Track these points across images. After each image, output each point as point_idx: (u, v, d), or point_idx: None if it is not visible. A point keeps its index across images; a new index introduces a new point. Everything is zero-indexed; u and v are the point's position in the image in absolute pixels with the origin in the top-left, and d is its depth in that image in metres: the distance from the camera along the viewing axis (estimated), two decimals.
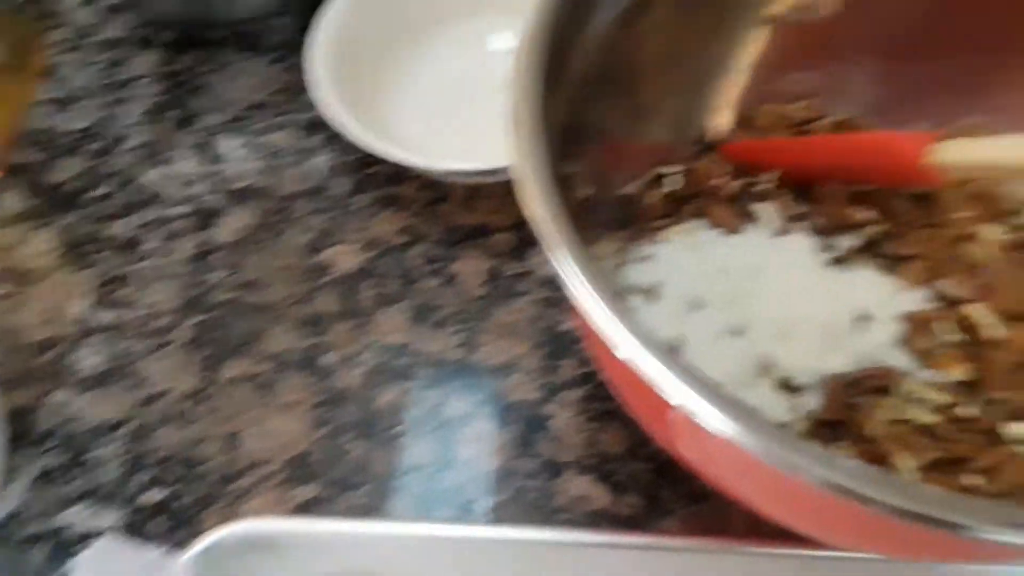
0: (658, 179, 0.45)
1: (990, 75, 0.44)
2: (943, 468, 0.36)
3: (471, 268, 0.47)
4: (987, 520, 0.23)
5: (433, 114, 0.52)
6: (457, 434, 0.42)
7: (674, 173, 0.45)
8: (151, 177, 0.52)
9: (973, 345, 0.39)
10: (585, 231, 0.39)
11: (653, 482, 0.39)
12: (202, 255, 0.49)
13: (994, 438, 0.36)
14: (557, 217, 0.29)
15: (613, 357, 0.27)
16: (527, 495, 0.40)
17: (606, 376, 0.42)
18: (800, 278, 0.42)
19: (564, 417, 0.41)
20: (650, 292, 0.42)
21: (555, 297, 0.45)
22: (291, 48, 0.58)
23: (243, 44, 0.58)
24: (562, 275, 0.27)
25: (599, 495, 0.39)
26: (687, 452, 0.33)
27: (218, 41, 0.58)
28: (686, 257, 0.43)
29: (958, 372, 0.38)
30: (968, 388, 0.38)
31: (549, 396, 0.42)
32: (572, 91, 0.37)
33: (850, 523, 0.29)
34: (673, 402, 0.25)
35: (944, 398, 0.37)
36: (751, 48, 0.45)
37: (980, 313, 0.39)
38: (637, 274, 0.43)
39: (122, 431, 0.43)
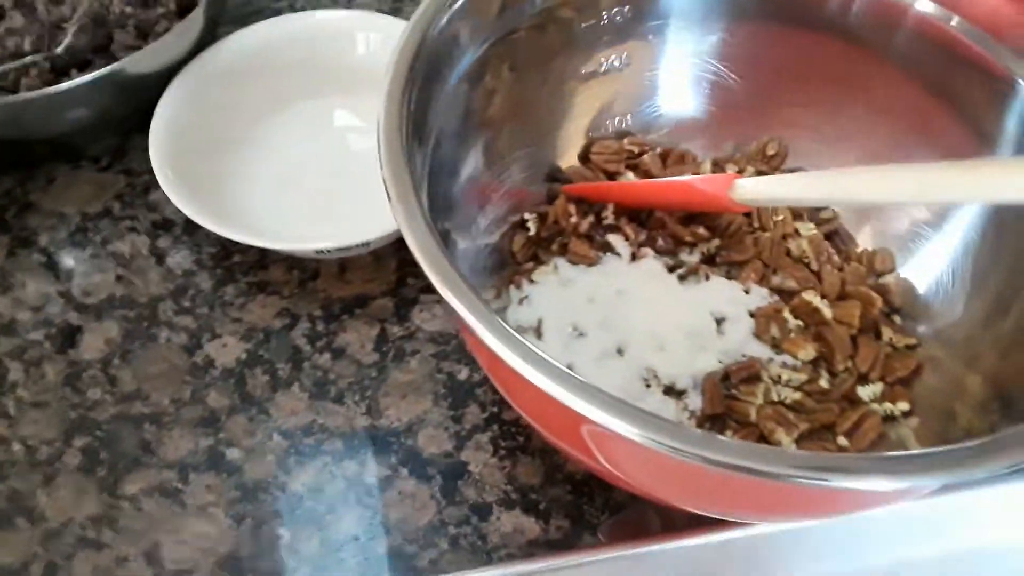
0: (523, 223, 0.49)
1: (781, 100, 0.51)
2: (816, 436, 0.42)
3: (357, 337, 0.49)
4: (798, 467, 0.28)
5: (289, 193, 0.53)
6: (382, 498, 0.43)
7: (534, 216, 0.49)
8: (1, 305, 0.50)
9: (812, 327, 0.46)
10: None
11: (574, 503, 0.43)
12: (74, 376, 0.47)
13: (851, 403, 0.43)
14: (448, 270, 0.32)
15: (522, 393, 0.31)
16: (463, 541, 0.42)
17: (514, 412, 0.45)
18: (660, 295, 0.47)
19: (480, 460, 0.44)
20: (536, 329, 0.46)
21: (446, 350, 0.48)
22: (117, 154, 0.57)
23: (66, 156, 0.57)
24: (469, 322, 0.30)
25: (529, 526, 0.42)
26: (602, 463, 0.37)
27: (39, 156, 0.56)
28: (558, 293, 0.47)
29: (806, 352, 0.44)
30: (819, 364, 0.44)
31: (461, 444, 0.45)
32: (433, 148, 0.41)
33: (741, 494, 0.34)
34: (588, 417, 0.29)
35: (802, 376, 0.43)
36: (579, 98, 0.50)
37: (811, 298, 0.46)
38: (519, 315, 0.47)
39: (30, 574, 0.41)
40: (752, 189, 0.43)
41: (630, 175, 0.50)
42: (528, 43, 0.45)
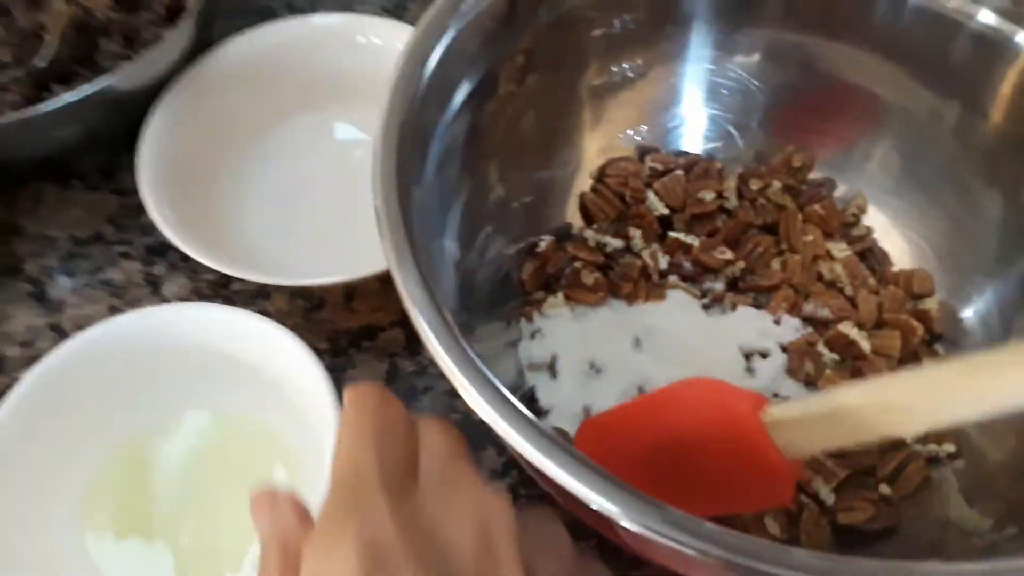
0: (532, 248, 0.46)
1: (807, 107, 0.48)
2: (855, 484, 0.40)
3: (366, 373, 0.46)
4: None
5: (290, 216, 0.51)
6: None
7: (548, 241, 0.46)
8: None
9: (849, 361, 0.43)
10: (469, 312, 0.40)
11: (602, 558, 0.40)
12: None
13: (893, 444, 0.40)
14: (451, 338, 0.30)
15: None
16: None
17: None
18: (683, 328, 0.44)
19: None
20: (550, 366, 0.43)
21: None
22: (108, 171, 0.54)
23: (54, 174, 0.54)
24: (475, 406, 0.28)
25: None
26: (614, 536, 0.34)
27: (25, 176, 0.53)
28: (572, 327, 0.45)
29: None
30: None
31: None
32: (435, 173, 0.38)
33: None
34: (592, 506, 0.26)
35: None
36: (593, 111, 0.47)
37: (848, 331, 0.43)
38: (531, 351, 0.44)
39: None
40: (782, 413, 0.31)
41: (651, 197, 0.47)
42: (535, 58, 0.42)
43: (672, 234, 0.46)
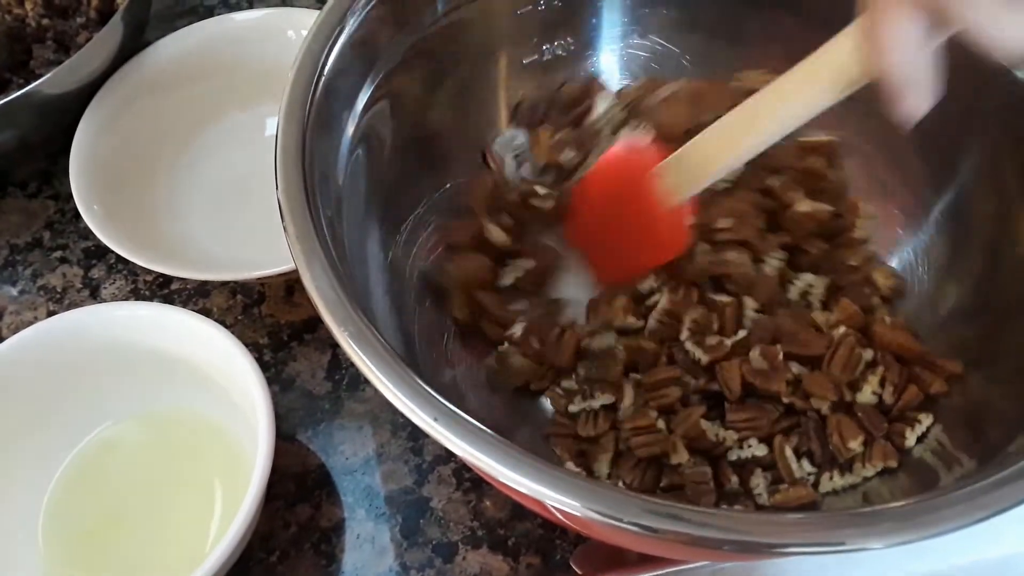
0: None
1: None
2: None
3: (308, 366, 0.46)
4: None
5: (226, 212, 0.50)
6: (339, 543, 0.40)
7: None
8: None
9: None
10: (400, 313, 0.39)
11: (544, 536, 0.40)
12: None
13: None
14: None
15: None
16: None
17: None
18: None
19: (443, 495, 0.41)
20: None
21: None
22: (45, 178, 0.54)
23: None
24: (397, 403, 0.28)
25: (497, 564, 0.39)
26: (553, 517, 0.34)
27: None
28: None
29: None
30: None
31: (423, 478, 0.42)
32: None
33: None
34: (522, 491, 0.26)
35: None
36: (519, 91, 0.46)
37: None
38: None
39: None
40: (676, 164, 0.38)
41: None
42: (454, 40, 0.41)
43: None
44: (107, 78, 0.51)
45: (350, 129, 0.36)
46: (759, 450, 0.38)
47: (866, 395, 0.38)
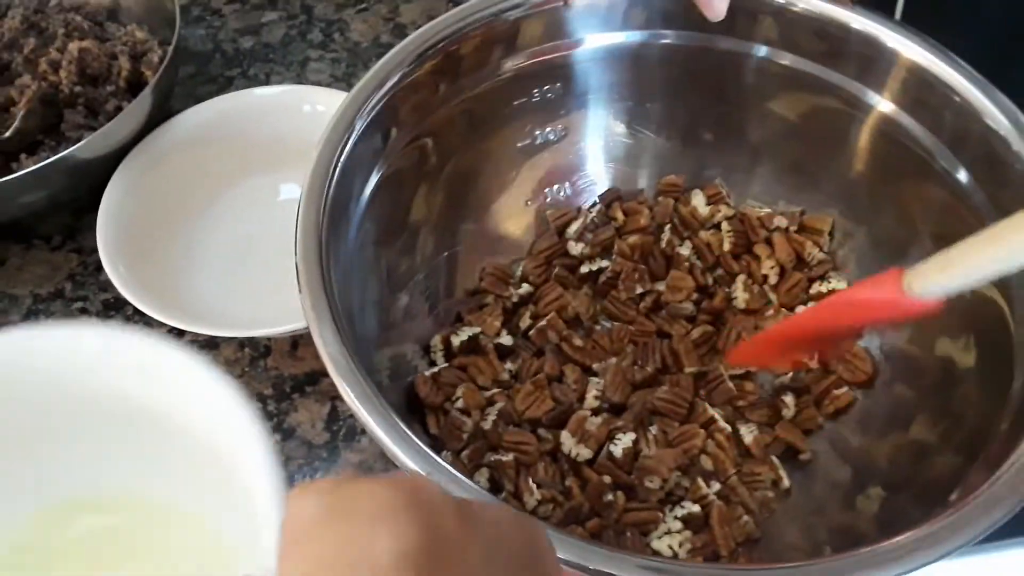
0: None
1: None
2: None
3: (308, 416, 0.49)
4: None
5: (239, 272, 0.54)
6: None
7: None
8: None
9: None
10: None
11: None
12: None
13: None
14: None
15: None
16: None
17: None
18: None
19: None
20: None
21: None
22: (69, 232, 0.58)
23: (17, 236, 0.57)
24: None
25: None
26: None
27: None
28: None
29: None
30: None
31: None
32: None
33: None
34: None
35: None
36: (516, 173, 0.51)
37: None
38: None
39: None
40: (929, 278, 0.33)
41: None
42: (456, 127, 0.46)
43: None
44: (135, 144, 0.55)
45: (361, 205, 0.41)
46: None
47: None
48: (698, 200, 0.51)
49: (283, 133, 0.57)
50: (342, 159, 0.39)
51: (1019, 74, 0.43)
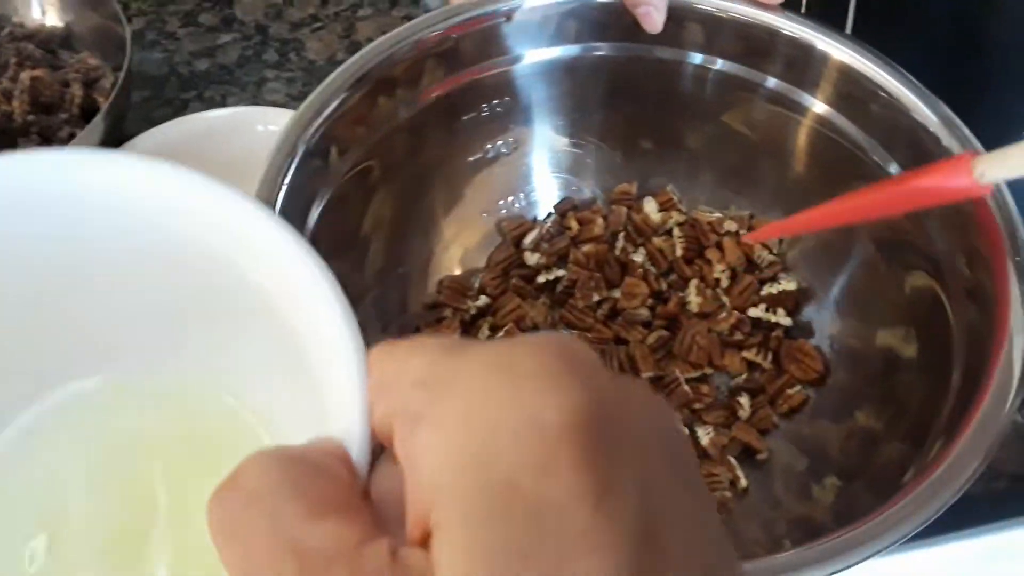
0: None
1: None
2: None
3: None
4: None
5: None
6: None
7: None
8: None
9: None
10: None
11: None
12: None
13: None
14: None
15: None
16: None
17: None
18: None
19: None
20: None
21: None
22: None
23: None
24: None
25: None
26: None
27: None
28: None
29: None
30: None
31: None
32: None
33: None
34: None
35: None
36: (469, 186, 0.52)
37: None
38: None
39: None
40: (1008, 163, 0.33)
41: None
42: (402, 145, 0.47)
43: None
44: None
45: (308, 228, 0.41)
46: None
47: None
48: (650, 207, 0.52)
49: (237, 155, 0.57)
50: (286, 183, 0.40)
51: (966, 83, 0.44)
